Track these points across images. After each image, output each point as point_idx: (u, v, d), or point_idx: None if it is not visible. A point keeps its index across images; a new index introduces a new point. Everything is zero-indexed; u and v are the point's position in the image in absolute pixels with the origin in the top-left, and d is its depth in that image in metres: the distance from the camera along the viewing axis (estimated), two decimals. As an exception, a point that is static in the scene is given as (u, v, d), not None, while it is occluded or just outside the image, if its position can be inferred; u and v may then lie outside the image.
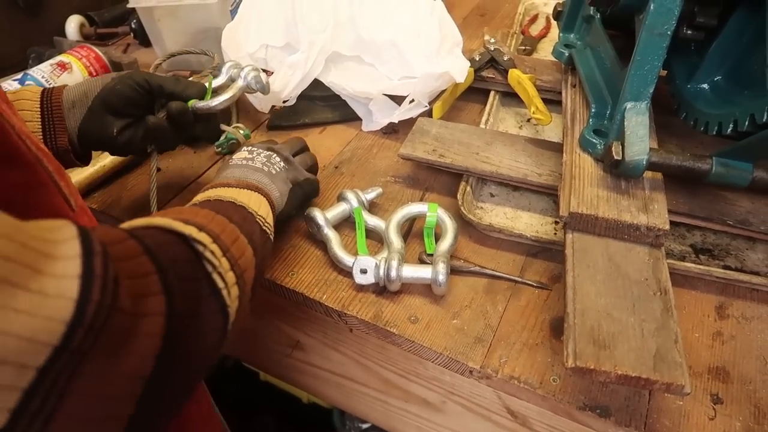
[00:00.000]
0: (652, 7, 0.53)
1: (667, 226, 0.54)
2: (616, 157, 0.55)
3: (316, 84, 0.80)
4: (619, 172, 0.57)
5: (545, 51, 1.00)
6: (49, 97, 0.58)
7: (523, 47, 0.99)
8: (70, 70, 0.90)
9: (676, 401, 0.50)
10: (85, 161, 0.62)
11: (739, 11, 0.58)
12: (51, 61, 0.90)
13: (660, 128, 0.67)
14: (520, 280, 0.60)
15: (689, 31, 0.59)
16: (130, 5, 0.92)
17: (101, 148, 0.61)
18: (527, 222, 0.68)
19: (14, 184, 0.35)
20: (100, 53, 0.94)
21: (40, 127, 0.57)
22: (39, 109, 0.57)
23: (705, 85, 0.63)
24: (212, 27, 0.93)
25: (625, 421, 0.49)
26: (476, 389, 0.57)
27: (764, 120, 0.49)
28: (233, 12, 0.93)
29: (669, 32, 0.54)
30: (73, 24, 1.06)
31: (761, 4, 0.53)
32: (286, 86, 0.78)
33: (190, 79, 0.66)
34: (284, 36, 0.82)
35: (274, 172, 0.58)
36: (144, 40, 1.05)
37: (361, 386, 0.69)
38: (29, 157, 0.37)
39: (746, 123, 0.52)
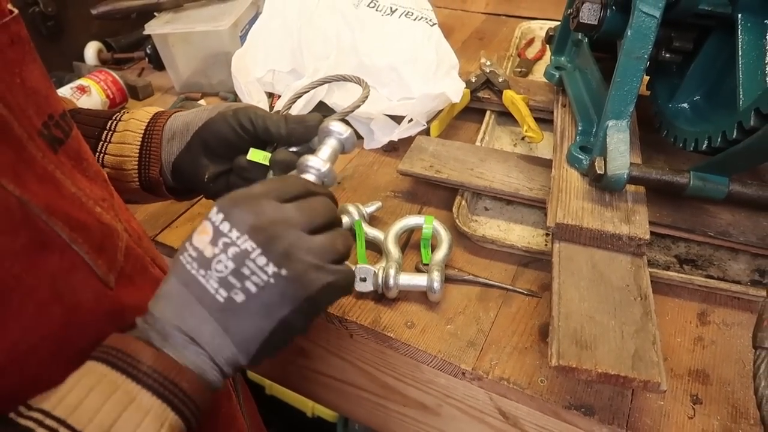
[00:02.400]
0: (629, 33, 0.57)
1: (648, 236, 0.57)
2: (599, 172, 0.59)
3: (320, 106, 0.84)
4: (602, 186, 0.61)
5: (540, 73, 1.04)
6: (154, 123, 0.55)
7: (520, 69, 1.04)
8: (89, 93, 0.95)
9: (657, 401, 0.53)
10: (181, 196, 0.59)
11: (714, 36, 0.62)
12: (71, 84, 0.96)
13: (649, 145, 0.71)
14: (511, 288, 0.64)
15: (667, 55, 0.64)
16: (146, 32, 0.97)
17: (194, 189, 0.57)
18: (519, 234, 0.71)
19: (50, 270, 0.35)
20: (116, 77, 1.00)
21: (137, 154, 0.54)
22: (142, 135, 0.55)
23: (685, 105, 0.66)
24: (222, 52, 0.98)
25: (608, 419, 0.51)
26: (469, 391, 0.60)
27: (734, 136, 0.53)
28: (242, 38, 0.99)
29: (646, 56, 0.58)
30: (91, 50, 1.12)
31: (732, 31, 0.57)
32: (293, 108, 0.83)
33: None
34: (290, 62, 0.87)
35: (239, 298, 0.35)
36: (158, 64, 1.11)
37: (362, 391, 0.72)
38: (59, 242, 0.35)
39: (719, 139, 0.55)
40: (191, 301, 0.36)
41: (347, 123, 0.49)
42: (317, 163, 0.45)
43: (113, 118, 0.57)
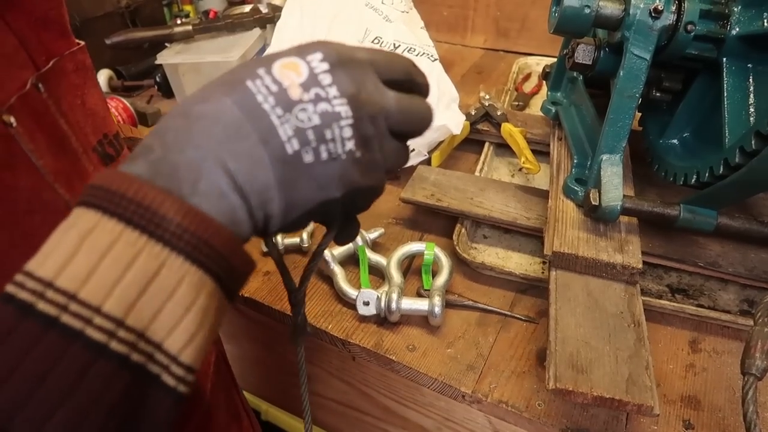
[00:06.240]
0: (621, 74, 0.61)
1: (641, 265, 0.60)
2: (593, 203, 0.62)
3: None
4: (597, 216, 0.63)
5: (537, 107, 1.08)
6: None
7: (517, 103, 1.08)
8: (100, 118, 0.98)
9: (651, 426, 0.55)
10: None
11: (701, 78, 0.65)
12: (84, 110, 0.99)
13: (642, 179, 0.75)
14: (509, 314, 0.66)
15: (658, 94, 0.67)
16: (158, 62, 1.01)
17: None
18: (517, 261, 0.74)
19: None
20: (127, 103, 1.03)
21: None
22: None
23: (675, 141, 0.70)
24: (231, 81, 1.02)
25: (604, 442, 0.53)
26: (468, 414, 0.62)
27: (720, 172, 0.56)
28: (251, 68, 1.02)
29: (637, 95, 0.61)
30: (103, 77, 1.16)
31: (718, 73, 0.61)
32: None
33: None
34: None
35: (308, 158, 0.30)
36: (167, 92, 1.14)
37: (363, 414, 0.73)
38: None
39: (707, 174, 0.59)
40: (251, 137, 0.28)
41: None
42: None
43: None
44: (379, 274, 0.70)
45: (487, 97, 0.96)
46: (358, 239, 0.71)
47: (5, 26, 0.34)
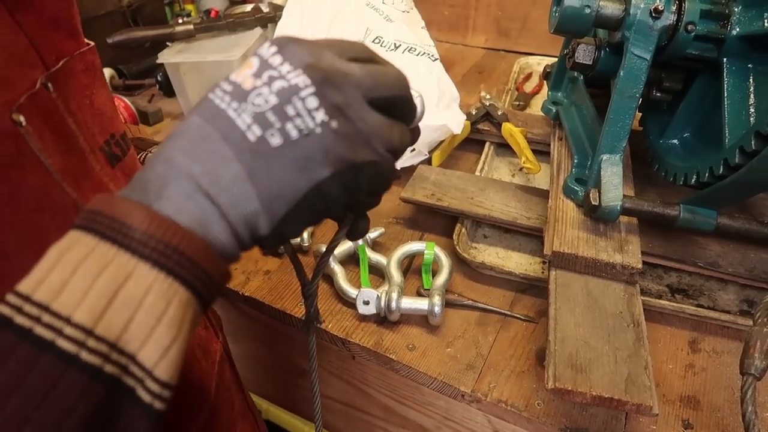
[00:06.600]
0: (622, 74, 0.61)
1: (640, 265, 0.60)
2: (593, 203, 0.62)
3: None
4: (597, 216, 0.64)
5: (537, 106, 1.08)
6: None
7: (518, 103, 1.08)
8: (102, 117, 0.98)
9: (650, 425, 0.55)
10: None
11: (701, 78, 0.65)
12: (85, 109, 0.99)
13: (643, 179, 0.75)
14: (509, 313, 0.66)
15: (658, 94, 0.67)
16: (159, 61, 1.01)
17: None
18: (517, 261, 0.74)
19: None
20: (128, 102, 1.04)
21: None
22: None
23: (675, 141, 0.70)
24: (232, 81, 1.02)
25: (603, 442, 0.53)
26: (468, 413, 0.62)
27: (720, 172, 0.56)
28: (252, 68, 1.02)
29: (637, 95, 0.61)
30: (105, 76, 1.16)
31: (718, 73, 0.61)
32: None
33: None
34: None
35: (275, 141, 0.28)
36: (168, 91, 1.14)
37: (363, 413, 0.73)
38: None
39: (707, 175, 0.59)
40: (212, 138, 0.28)
41: None
42: None
43: (156, 144, 0.61)
44: (379, 274, 0.71)
45: (488, 96, 0.96)
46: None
47: (16, 26, 0.34)
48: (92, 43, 0.41)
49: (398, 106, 0.33)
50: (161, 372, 0.25)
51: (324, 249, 0.43)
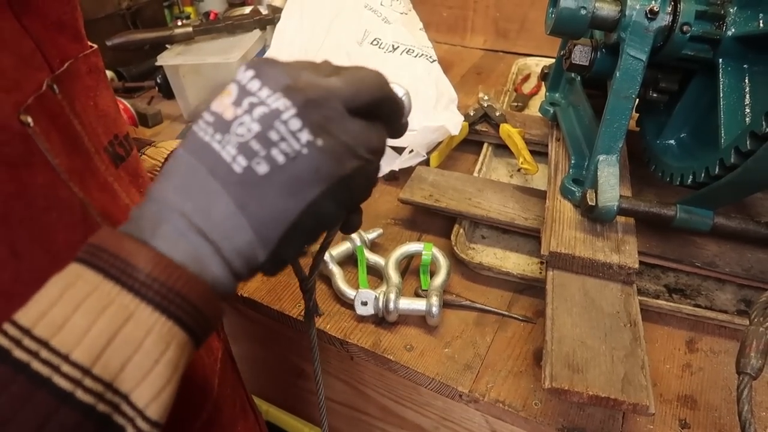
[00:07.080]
0: (618, 75, 0.61)
1: (637, 265, 0.60)
2: (590, 203, 0.62)
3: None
4: (593, 217, 0.64)
5: (535, 108, 1.08)
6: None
7: (516, 104, 1.08)
8: (101, 119, 0.99)
9: (647, 425, 0.55)
10: None
11: (697, 78, 0.66)
12: (84, 111, 0.99)
13: (640, 179, 0.75)
14: (507, 314, 0.66)
15: (655, 95, 0.68)
16: (158, 63, 1.02)
17: None
18: (515, 262, 0.74)
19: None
20: (127, 104, 1.04)
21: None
22: (162, 162, 0.60)
23: (672, 141, 0.70)
24: (231, 83, 1.02)
25: (600, 441, 0.53)
26: (466, 414, 0.62)
27: (716, 172, 0.56)
28: (251, 70, 1.03)
29: (634, 96, 0.61)
30: (104, 78, 1.16)
31: (714, 74, 0.61)
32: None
33: None
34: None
35: (262, 169, 0.28)
36: (167, 93, 1.15)
37: (361, 414, 0.74)
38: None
39: (703, 175, 0.59)
40: (200, 173, 0.28)
41: None
42: None
43: (150, 144, 0.63)
44: (377, 274, 0.71)
45: (486, 97, 0.96)
46: (357, 239, 0.71)
47: (23, 30, 0.35)
48: (95, 46, 0.42)
49: (382, 106, 0.33)
50: (152, 412, 0.25)
51: (319, 246, 0.44)
